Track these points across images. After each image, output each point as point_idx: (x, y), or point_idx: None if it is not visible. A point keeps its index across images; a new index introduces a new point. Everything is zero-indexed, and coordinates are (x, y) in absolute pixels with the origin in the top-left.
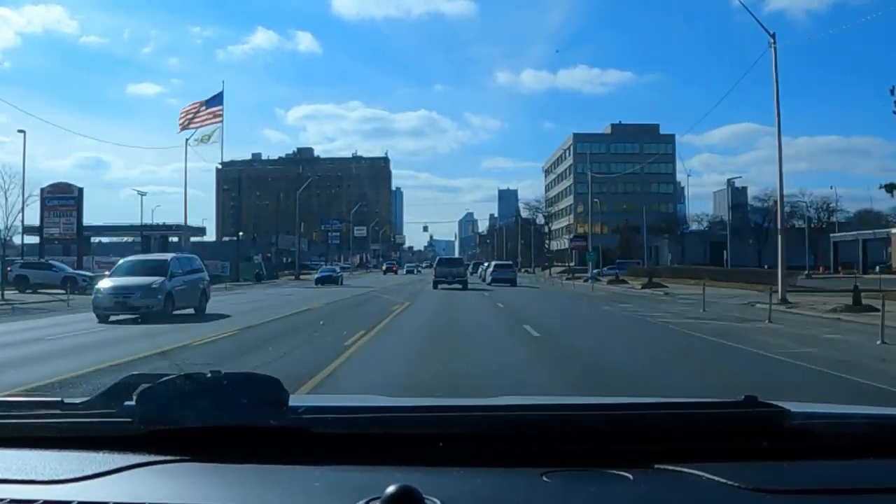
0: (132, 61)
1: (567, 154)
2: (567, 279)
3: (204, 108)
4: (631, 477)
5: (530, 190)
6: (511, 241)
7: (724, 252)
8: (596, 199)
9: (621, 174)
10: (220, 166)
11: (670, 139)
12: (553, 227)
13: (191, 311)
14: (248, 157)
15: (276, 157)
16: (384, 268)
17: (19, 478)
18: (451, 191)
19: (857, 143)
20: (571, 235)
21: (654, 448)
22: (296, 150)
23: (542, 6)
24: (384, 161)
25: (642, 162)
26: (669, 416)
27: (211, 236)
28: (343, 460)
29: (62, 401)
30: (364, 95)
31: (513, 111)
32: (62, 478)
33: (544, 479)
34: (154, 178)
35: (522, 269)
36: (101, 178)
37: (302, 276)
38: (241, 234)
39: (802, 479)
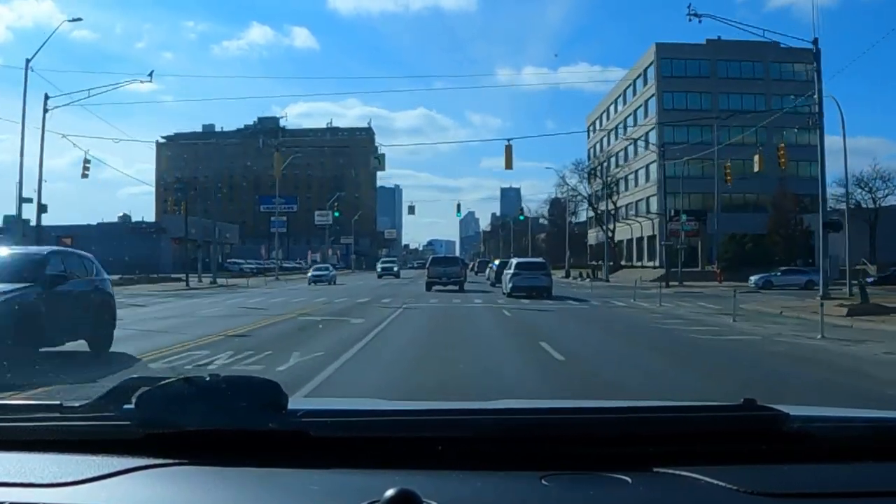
0: (126, 57)
1: (642, 81)
2: None
3: None
4: (630, 480)
5: (532, 189)
6: (526, 236)
7: None
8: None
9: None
10: (161, 139)
11: (814, 56)
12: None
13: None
14: (200, 128)
15: (232, 129)
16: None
17: (18, 481)
18: (451, 190)
19: (860, 144)
20: (670, 217)
21: (652, 451)
22: (257, 119)
23: (542, 1)
24: (366, 133)
25: (768, 93)
26: (668, 419)
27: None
28: (342, 463)
29: (61, 404)
30: (361, 93)
31: (514, 109)
32: (61, 481)
33: (543, 482)
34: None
35: (578, 275)
36: (99, 176)
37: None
38: (124, 213)
39: (801, 483)
